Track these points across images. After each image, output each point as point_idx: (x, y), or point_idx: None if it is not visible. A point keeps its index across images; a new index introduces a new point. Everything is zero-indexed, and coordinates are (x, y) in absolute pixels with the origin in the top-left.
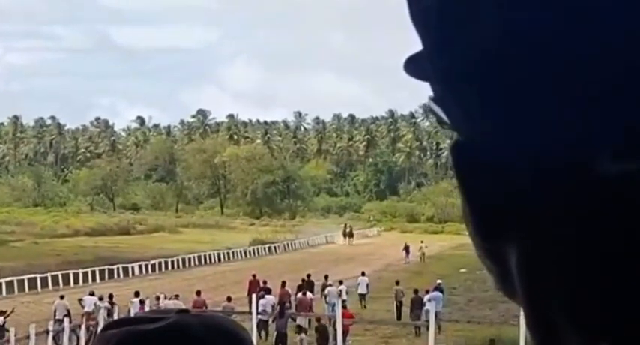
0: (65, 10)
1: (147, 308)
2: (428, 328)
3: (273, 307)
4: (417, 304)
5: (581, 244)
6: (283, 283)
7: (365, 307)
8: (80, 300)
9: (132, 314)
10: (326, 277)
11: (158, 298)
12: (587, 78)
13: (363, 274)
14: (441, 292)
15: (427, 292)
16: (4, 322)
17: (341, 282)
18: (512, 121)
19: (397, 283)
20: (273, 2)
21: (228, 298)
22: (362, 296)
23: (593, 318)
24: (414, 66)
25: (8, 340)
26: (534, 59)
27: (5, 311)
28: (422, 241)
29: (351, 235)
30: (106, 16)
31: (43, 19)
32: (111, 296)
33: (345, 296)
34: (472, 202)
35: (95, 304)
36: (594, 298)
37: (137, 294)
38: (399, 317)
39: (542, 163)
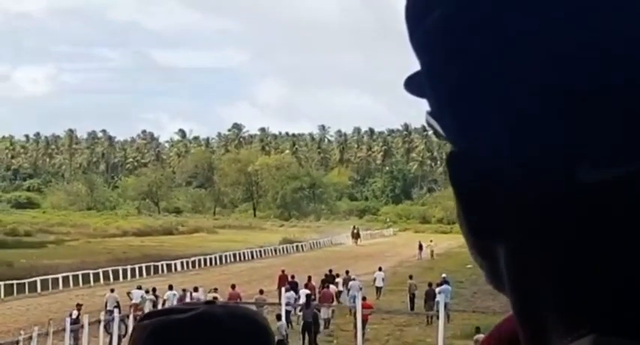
0: (112, 34)
1: (187, 299)
2: (438, 318)
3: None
4: (431, 296)
5: (564, 244)
6: (309, 278)
7: (379, 298)
8: (129, 293)
9: (167, 305)
10: (347, 272)
11: (197, 290)
12: (570, 89)
13: (379, 269)
14: (448, 284)
15: (437, 285)
16: (78, 315)
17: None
18: (500, 132)
19: (410, 277)
20: (297, 26)
21: (261, 291)
22: (378, 289)
23: (576, 310)
24: (413, 84)
25: (64, 329)
26: (521, 77)
27: (81, 305)
28: (430, 240)
29: (357, 236)
30: (148, 39)
31: (92, 42)
32: (154, 289)
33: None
34: (465, 206)
35: (142, 296)
36: (576, 293)
37: (170, 287)
38: (412, 308)
39: (529, 170)
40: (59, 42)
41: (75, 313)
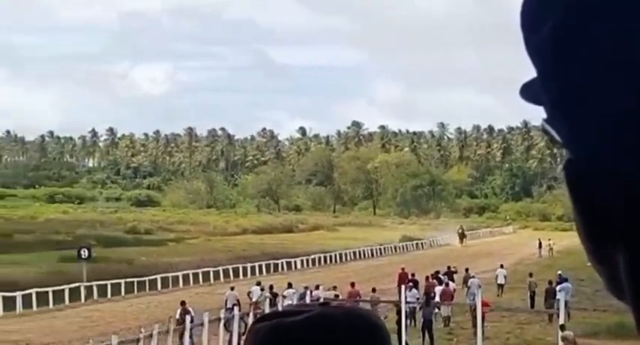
0: (227, 32)
1: (308, 298)
2: (558, 316)
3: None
4: (551, 294)
5: None
6: (428, 276)
7: (501, 296)
8: (249, 293)
9: (287, 303)
10: (466, 270)
11: (317, 288)
12: None
13: (501, 266)
14: (568, 282)
15: (557, 283)
16: (181, 312)
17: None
18: (619, 138)
19: (530, 275)
20: (412, 25)
21: (373, 290)
22: (500, 286)
23: None
24: (529, 91)
25: (184, 327)
26: (634, 83)
27: (185, 302)
28: (549, 239)
29: (464, 236)
30: (264, 37)
31: (208, 41)
32: (271, 287)
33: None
34: (583, 212)
35: (260, 294)
36: None
37: (290, 285)
38: (532, 306)
39: None
40: (175, 41)
41: (179, 312)
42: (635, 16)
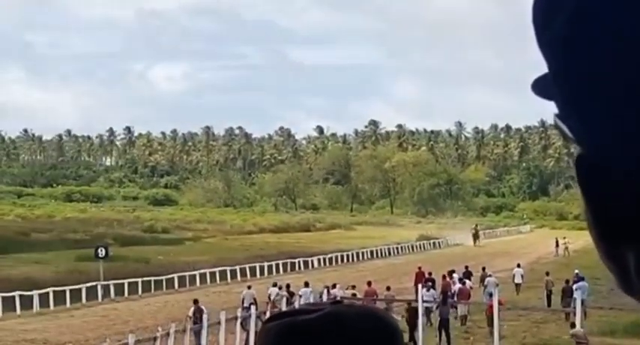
0: (246, 31)
1: (325, 297)
2: (575, 315)
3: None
4: (568, 293)
5: None
6: (445, 275)
7: (518, 294)
8: (269, 296)
9: (303, 301)
10: (483, 268)
11: (334, 287)
12: None
13: (518, 265)
14: (584, 281)
15: (573, 282)
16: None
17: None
18: (631, 133)
19: (547, 274)
20: (430, 24)
21: (388, 288)
22: (517, 285)
23: None
24: (540, 86)
25: (201, 326)
26: None
27: (197, 300)
28: (565, 238)
29: (477, 236)
30: (282, 37)
31: (226, 40)
32: (288, 286)
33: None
34: (595, 210)
35: (277, 293)
36: None
37: (306, 284)
38: (548, 304)
39: None
40: (193, 40)
41: (192, 310)
42: None
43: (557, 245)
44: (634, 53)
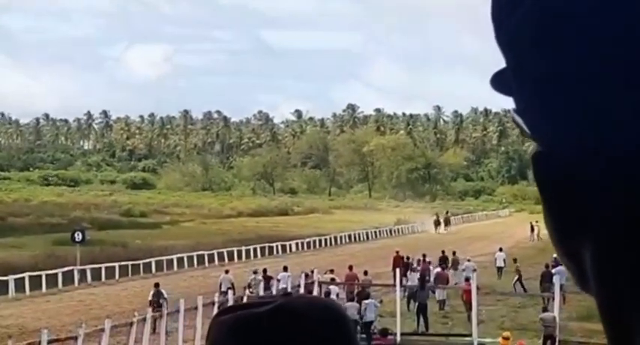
0: (224, 15)
1: (302, 282)
2: (553, 299)
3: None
4: (547, 278)
5: None
6: (421, 260)
7: (501, 279)
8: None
9: (281, 286)
10: (454, 253)
11: (313, 272)
12: None
13: (500, 249)
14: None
15: (552, 266)
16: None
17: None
18: (587, 129)
19: (515, 260)
20: (409, 9)
21: (365, 272)
22: (499, 269)
23: None
24: (499, 81)
25: (178, 310)
26: (610, 73)
27: (158, 284)
28: (537, 221)
29: (438, 223)
30: (259, 21)
31: (203, 24)
32: (265, 270)
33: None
34: (551, 205)
35: (254, 278)
36: None
37: (285, 269)
38: (523, 290)
39: (617, 167)
40: (171, 24)
41: (151, 293)
42: (614, 2)
43: (532, 230)
44: (593, 48)
